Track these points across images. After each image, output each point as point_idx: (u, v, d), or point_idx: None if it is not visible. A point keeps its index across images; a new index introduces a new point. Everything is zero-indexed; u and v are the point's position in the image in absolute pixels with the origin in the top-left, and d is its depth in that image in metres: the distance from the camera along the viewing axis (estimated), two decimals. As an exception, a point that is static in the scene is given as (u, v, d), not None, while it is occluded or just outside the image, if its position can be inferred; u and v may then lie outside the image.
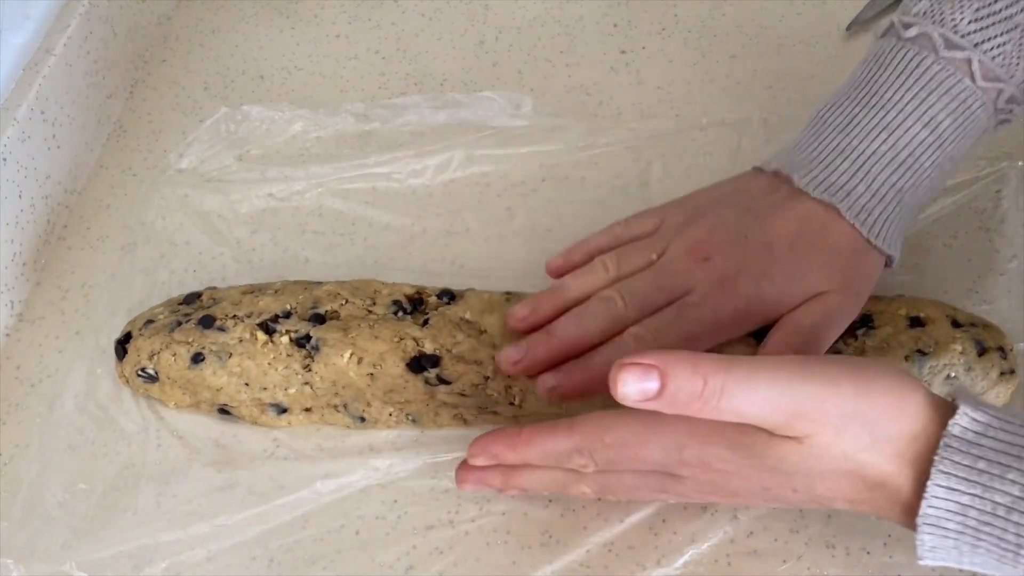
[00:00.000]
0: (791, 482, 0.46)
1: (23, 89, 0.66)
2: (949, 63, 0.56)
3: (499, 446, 0.51)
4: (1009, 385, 0.57)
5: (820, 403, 0.44)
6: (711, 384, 0.43)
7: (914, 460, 0.44)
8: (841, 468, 0.45)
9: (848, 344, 0.56)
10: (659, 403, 0.44)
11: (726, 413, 0.44)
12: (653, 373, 0.43)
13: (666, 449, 0.47)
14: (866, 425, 0.44)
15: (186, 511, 0.56)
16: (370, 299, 0.59)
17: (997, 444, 0.42)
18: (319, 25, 0.82)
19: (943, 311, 0.58)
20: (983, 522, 0.42)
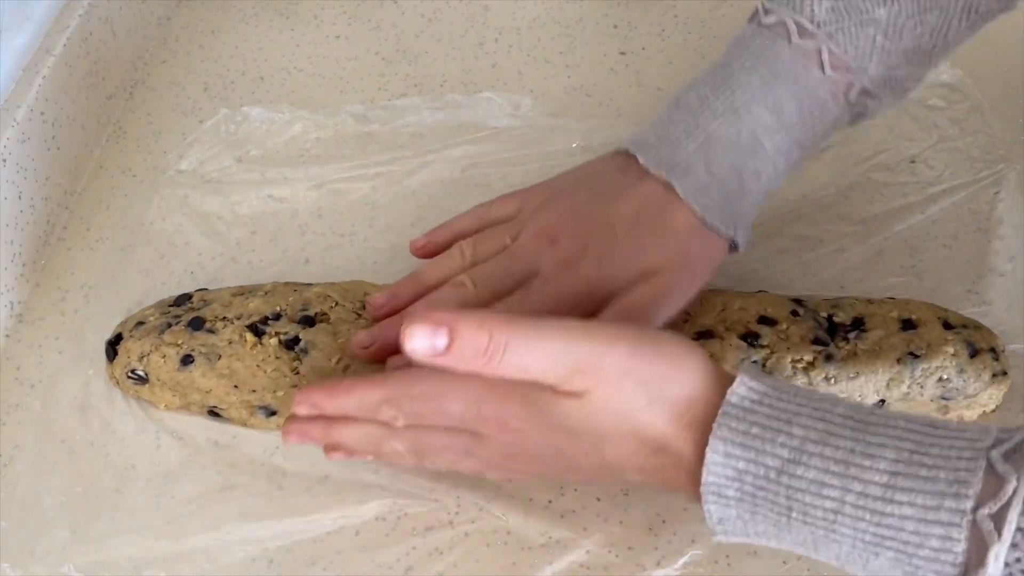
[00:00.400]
0: (580, 443, 0.47)
1: (23, 90, 0.66)
2: (799, 51, 0.56)
3: (319, 394, 0.52)
4: (1001, 386, 0.58)
5: (597, 359, 0.46)
6: (496, 339, 0.45)
7: (693, 425, 0.45)
8: (622, 427, 0.46)
9: (839, 347, 0.56)
10: (448, 358, 0.46)
11: (510, 368, 0.46)
12: (442, 329, 0.46)
13: (467, 402, 0.48)
14: (642, 384, 0.46)
15: (185, 512, 0.56)
16: (360, 302, 0.59)
17: (770, 411, 0.44)
18: (319, 26, 0.82)
19: (935, 313, 0.58)
20: (758, 487, 0.43)
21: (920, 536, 0.40)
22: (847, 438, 0.42)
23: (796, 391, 0.45)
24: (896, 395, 0.56)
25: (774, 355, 0.56)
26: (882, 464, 0.41)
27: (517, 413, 0.48)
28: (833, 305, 0.59)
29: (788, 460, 0.43)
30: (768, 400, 0.44)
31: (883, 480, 0.41)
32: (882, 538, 0.41)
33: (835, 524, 0.42)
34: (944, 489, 0.40)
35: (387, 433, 0.51)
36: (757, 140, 0.56)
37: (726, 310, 0.58)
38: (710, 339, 0.56)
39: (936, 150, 0.72)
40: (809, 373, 0.56)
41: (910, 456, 0.41)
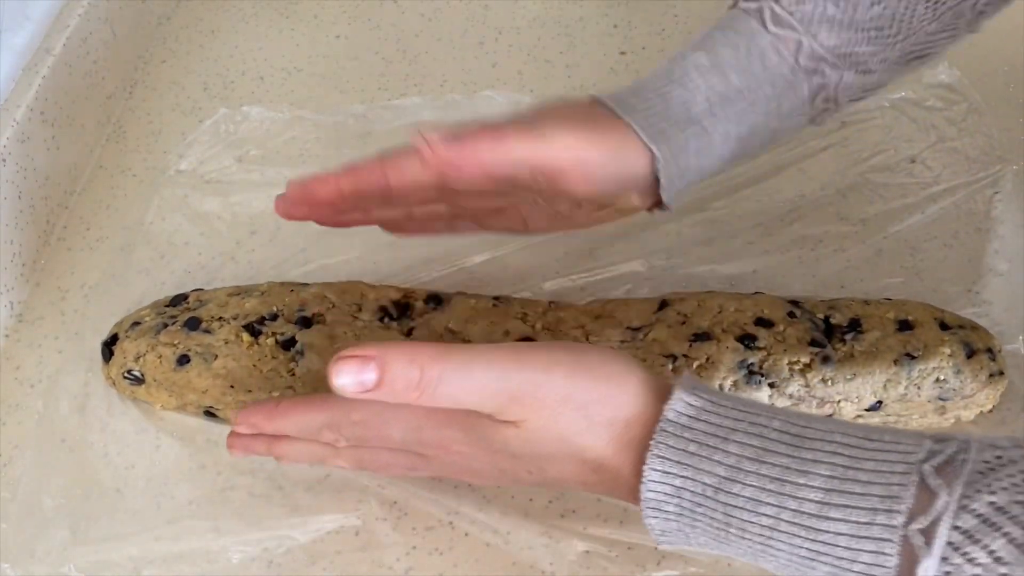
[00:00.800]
0: (522, 464, 0.48)
1: (23, 90, 0.66)
2: (743, 11, 0.56)
3: (257, 416, 0.52)
4: (998, 387, 0.58)
5: (533, 388, 0.46)
6: (428, 373, 0.45)
7: (631, 444, 0.45)
8: (562, 451, 0.47)
9: (836, 349, 0.56)
10: (379, 393, 0.45)
11: (444, 400, 0.46)
12: (371, 364, 0.45)
13: (406, 430, 0.49)
14: (579, 409, 0.46)
15: (185, 512, 0.56)
16: (356, 304, 0.59)
17: (708, 427, 0.44)
18: (319, 26, 0.82)
19: (931, 314, 0.58)
20: (696, 503, 0.44)
21: (853, 552, 0.41)
22: (782, 455, 0.43)
23: (734, 404, 0.45)
24: (893, 396, 0.56)
25: (771, 357, 0.56)
26: (816, 481, 0.42)
27: (457, 438, 0.48)
28: (830, 307, 0.59)
29: (724, 478, 0.43)
30: (705, 415, 0.45)
31: (817, 497, 0.41)
32: (817, 553, 0.42)
33: (771, 540, 0.43)
34: (876, 505, 0.40)
35: (330, 452, 0.51)
36: (687, 74, 0.55)
37: (722, 312, 0.58)
38: (707, 341, 0.56)
39: (934, 151, 0.72)
40: (806, 375, 0.56)
41: (844, 472, 0.42)
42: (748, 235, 0.68)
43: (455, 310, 0.59)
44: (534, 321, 0.58)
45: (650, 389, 0.47)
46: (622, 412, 0.46)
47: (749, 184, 0.70)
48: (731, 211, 0.69)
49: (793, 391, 0.56)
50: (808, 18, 0.55)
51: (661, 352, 0.56)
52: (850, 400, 0.56)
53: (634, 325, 0.58)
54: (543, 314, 0.59)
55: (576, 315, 0.59)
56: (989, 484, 0.39)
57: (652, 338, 0.57)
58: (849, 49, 0.56)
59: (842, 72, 0.56)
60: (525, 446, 0.47)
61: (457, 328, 0.58)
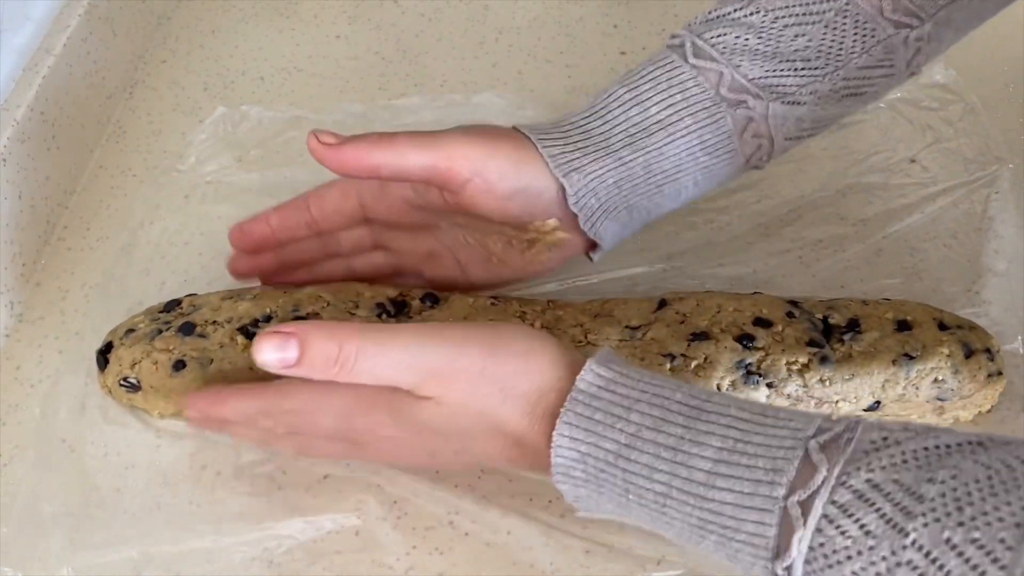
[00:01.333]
0: (448, 443, 0.50)
1: (23, 89, 0.66)
2: (668, 48, 0.58)
3: (203, 403, 0.54)
4: (997, 387, 0.58)
5: (449, 362, 0.48)
6: (346, 349, 0.47)
7: (546, 415, 0.47)
8: (481, 425, 0.48)
9: (835, 349, 0.56)
10: (300, 369, 0.48)
11: (363, 375, 0.48)
12: (292, 341, 0.47)
13: (336, 417, 0.50)
14: (495, 382, 0.48)
15: (185, 513, 0.56)
16: (352, 302, 0.59)
17: (614, 397, 0.46)
18: (319, 26, 0.82)
19: (930, 314, 0.58)
20: (599, 469, 0.46)
21: (737, 521, 0.42)
22: (678, 425, 0.45)
23: (642, 376, 0.47)
24: (891, 396, 0.56)
25: (769, 357, 0.56)
26: (707, 452, 0.43)
27: (384, 421, 0.49)
28: (828, 307, 0.59)
29: (624, 445, 0.45)
30: (613, 387, 0.46)
31: (707, 467, 0.43)
32: (705, 522, 0.43)
33: (665, 508, 0.44)
34: (761, 477, 0.42)
35: (271, 437, 0.53)
36: (607, 108, 0.57)
37: (721, 312, 0.58)
38: (705, 341, 0.56)
39: (931, 151, 0.72)
40: (804, 375, 0.56)
41: (734, 444, 0.43)
42: (748, 235, 0.68)
43: (454, 308, 0.58)
44: (533, 319, 0.58)
45: (565, 363, 0.48)
46: (537, 384, 0.48)
47: (749, 184, 0.70)
48: (731, 211, 0.69)
49: (791, 391, 0.56)
50: (730, 49, 0.56)
51: (659, 351, 0.56)
52: (848, 400, 0.56)
53: (633, 324, 0.58)
54: (542, 312, 0.59)
55: (574, 313, 0.59)
56: (869, 462, 0.41)
57: (651, 337, 0.57)
58: (774, 80, 0.57)
59: (767, 103, 0.57)
60: (446, 422, 0.48)
61: None
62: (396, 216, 0.60)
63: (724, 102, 0.56)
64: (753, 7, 0.57)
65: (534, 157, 0.56)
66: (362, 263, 0.62)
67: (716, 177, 0.59)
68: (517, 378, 0.48)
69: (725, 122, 0.57)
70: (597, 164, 0.56)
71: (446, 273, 0.61)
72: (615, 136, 0.56)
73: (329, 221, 0.61)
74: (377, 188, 0.60)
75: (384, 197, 0.60)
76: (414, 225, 0.60)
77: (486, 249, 0.59)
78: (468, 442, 0.49)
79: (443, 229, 0.60)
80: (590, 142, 0.56)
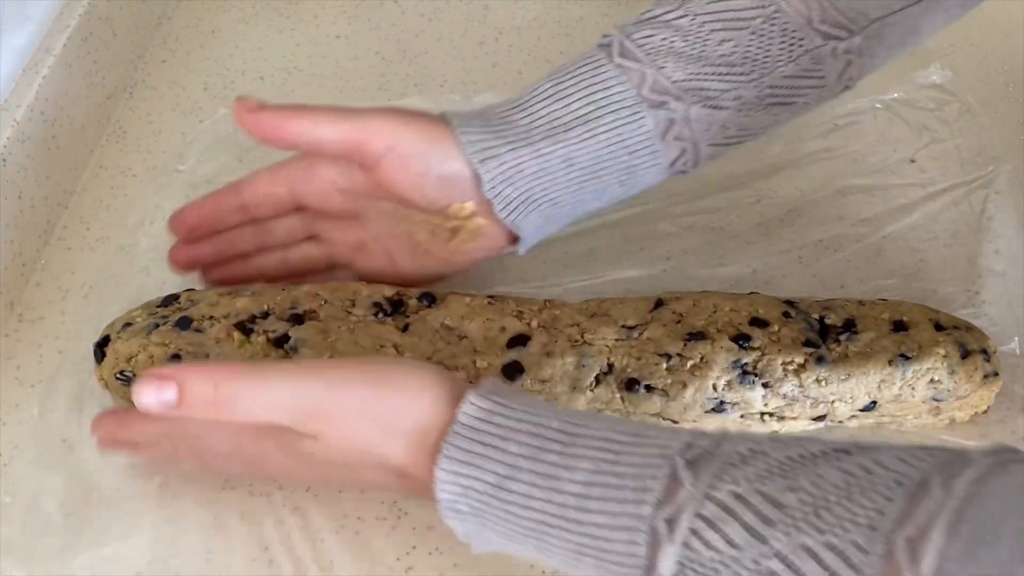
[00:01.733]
0: (338, 472, 0.50)
1: (23, 89, 0.66)
2: (596, 48, 0.58)
3: (109, 425, 0.55)
4: (993, 387, 0.58)
5: (329, 403, 0.48)
6: (223, 390, 0.48)
7: (430, 451, 0.47)
8: (364, 461, 0.48)
9: (831, 349, 0.57)
10: (183, 410, 0.48)
11: (243, 415, 0.48)
12: (168, 384, 0.48)
13: (229, 444, 0.51)
14: (376, 422, 0.48)
15: (187, 511, 0.56)
16: (349, 300, 0.59)
17: (494, 428, 0.46)
18: (319, 26, 0.82)
19: (926, 314, 0.59)
20: (482, 502, 0.45)
21: (609, 542, 0.42)
22: (553, 452, 0.44)
23: (523, 405, 0.47)
24: (887, 396, 0.56)
25: (765, 357, 0.56)
26: (579, 476, 0.43)
27: (272, 449, 0.50)
28: (825, 307, 0.59)
29: (503, 476, 0.45)
30: (493, 418, 0.46)
31: (578, 491, 0.43)
32: (581, 546, 0.43)
33: (543, 535, 0.44)
34: (629, 496, 0.42)
35: (175, 457, 0.54)
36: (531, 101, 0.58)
37: (717, 312, 0.58)
38: (701, 340, 0.56)
39: (928, 151, 0.72)
40: (800, 375, 0.56)
41: (605, 467, 0.43)
42: (748, 235, 0.68)
43: (451, 307, 0.59)
44: (530, 319, 0.58)
45: (450, 397, 0.48)
46: (420, 422, 0.47)
47: (749, 184, 0.71)
48: (731, 211, 0.69)
49: (787, 391, 0.56)
50: (655, 51, 0.56)
51: (656, 351, 0.56)
52: (844, 401, 0.56)
53: (629, 323, 0.58)
54: (538, 312, 0.59)
55: (571, 313, 0.59)
56: (735, 475, 0.41)
57: (647, 337, 0.57)
58: (697, 84, 0.57)
59: (689, 106, 0.57)
60: (331, 457, 0.49)
61: (453, 324, 0.58)
62: (324, 201, 0.60)
63: (645, 103, 0.56)
64: (683, 10, 0.57)
65: (451, 140, 0.56)
66: (296, 255, 0.63)
67: (641, 178, 0.59)
68: (399, 416, 0.48)
69: (646, 122, 0.57)
70: (515, 154, 0.56)
71: (376, 265, 0.61)
72: (536, 128, 0.57)
73: (261, 206, 0.61)
74: (304, 171, 0.60)
75: (311, 179, 0.60)
76: (343, 213, 0.61)
77: (413, 239, 0.60)
78: (356, 473, 0.50)
79: (371, 219, 0.60)
80: (510, 132, 0.57)
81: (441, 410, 0.47)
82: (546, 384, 0.56)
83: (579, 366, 0.57)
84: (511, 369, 0.56)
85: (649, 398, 0.56)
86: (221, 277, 0.63)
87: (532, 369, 0.56)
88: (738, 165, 0.71)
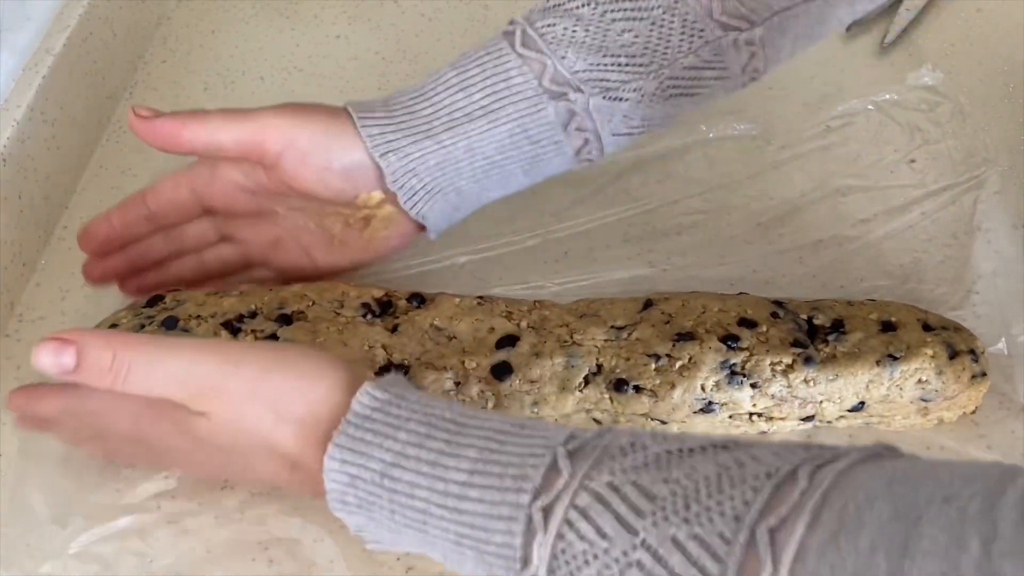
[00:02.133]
0: (231, 460, 0.49)
1: (23, 89, 0.66)
2: (499, 35, 0.58)
3: (20, 399, 0.54)
4: (981, 388, 0.58)
5: (221, 380, 0.47)
6: (120, 358, 0.47)
7: (320, 440, 0.46)
8: (252, 445, 0.47)
9: (819, 349, 0.57)
10: (78, 376, 0.48)
11: (135, 386, 0.48)
12: (68, 348, 0.47)
13: (129, 420, 0.50)
14: (268, 404, 0.47)
15: (185, 511, 0.56)
16: (338, 301, 0.59)
17: (386, 418, 0.45)
18: (319, 26, 0.82)
19: (914, 315, 0.58)
20: (369, 492, 0.44)
21: (487, 532, 0.42)
22: (440, 440, 0.44)
23: (420, 398, 0.46)
24: (875, 397, 0.56)
25: (753, 358, 0.56)
26: (464, 464, 0.43)
27: (168, 431, 0.49)
28: (813, 307, 0.59)
29: (390, 464, 0.44)
30: (387, 407, 0.46)
31: (461, 479, 0.43)
32: (461, 536, 0.43)
33: (426, 525, 0.44)
34: (509, 484, 0.42)
35: (79, 438, 0.53)
36: (435, 90, 0.57)
37: (706, 312, 0.58)
38: (690, 341, 0.56)
39: (920, 153, 0.72)
40: (788, 376, 0.56)
41: (489, 455, 0.43)
42: (748, 235, 0.68)
43: (440, 308, 0.59)
44: (519, 319, 0.58)
45: (345, 387, 0.47)
46: (313, 408, 0.47)
47: (748, 184, 0.71)
48: (730, 211, 0.70)
49: (775, 392, 0.56)
50: (556, 40, 0.56)
51: (644, 351, 0.56)
52: (832, 401, 0.56)
53: (618, 324, 0.58)
54: (528, 312, 0.59)
55: (560, 314, 0.59)
56: (612, 467, 0.41)
57: (636, 337, 0.57)
58: (597, 74, 0.56)
59: (588, 97, 0.57)
60: (220, 438, 0.48)
61: (442, 325, 0.58)
62: (231, 203, 0.60)
63: (546, 93, 0.57)
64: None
65: (351, 132, 0.56)
66: (211, 257, 0.63)
67: (545, 167, 0.59)
68: (292, 401, 0.47)
69: (547, 113, 0.57)
70: (417, 147, 0.57)
71: (293, 260, 0.62)
72: (438, 119, 0.57)
73: (167, 213, 0.61)
74: (207, 174, 0.60)
75: (214, 182, 0.60)
76: (252, 212, 0.61)
77: (326, 232, 0.60)
78: (247, 460, 0.49)
79: (283, 215, 0.61)
80: (412, 124, 0.57)
81: (337, 400, 0.47)
82: (535, 384, 0.56)
83: (568, 367, 0.57)
84: (500, 369, 0.56)
85: (638, 398, 0.56)
86: (139, 286, 0.63)
87: (521, 369, 0.56)
88: (737, 165, 0.71)
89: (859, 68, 0.78)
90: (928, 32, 0.80)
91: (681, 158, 0.71)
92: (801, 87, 0.74)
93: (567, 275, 0.66)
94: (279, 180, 0.57)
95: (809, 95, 0.75)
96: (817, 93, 0.75)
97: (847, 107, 0.74)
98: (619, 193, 0.70)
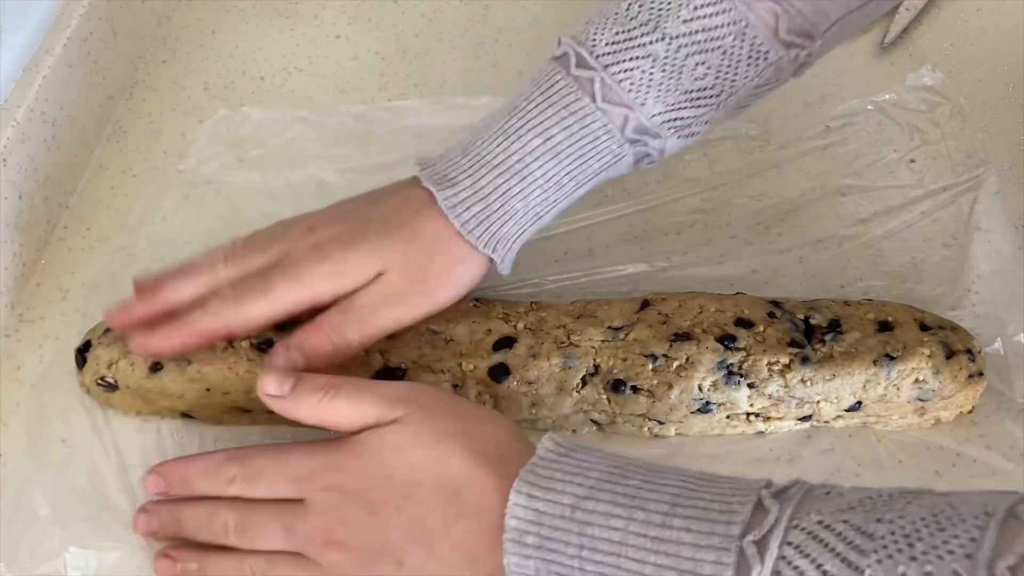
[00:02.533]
0: (392, 488, 0.49)
1: (23, 90, 0.66)
2: (575, 81, 0.56)
3: (171, 463, 0.54)
4: (978, 387, 0.58)
5: (420, 393, 0.51)
6: (331, 382, 0.51)
7: (499, 464, 0.48)
8: (432, 453, 0.48)
9: (816, 349, 0.57)
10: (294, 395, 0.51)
11: (342, 402, 0.51)
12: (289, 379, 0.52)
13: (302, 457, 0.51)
14: (455, 414, 0.51)
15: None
16: None
17: (573, 461, 0.47)
18: (319, 26, 0.82)
19: (911, 315, 0.59)
20: (554, 527, 0.45)
21: (695, 562, 0.42)
22: (637, 477, 0.46)
23: (600, 451, 0.48)
24: (872, 396, 0.56)
25: (750, 358, 0.56)
26: (664, 496, 0.44)
27: (342, 460, 0.50)
28: (810, 307, 0.59)
29: (582, 497, 0.45)
30: (573, 453, 0.48)
31: (663, 509, 0.44)
32: (662, 568, 0.43)
33: (620, 557, 0.44)
34: (716, 517, 0.43)
35: (220, 504, 0.52)
36: (524, 163, 0.56)
37: (703, 312, 0.58)
38: (687, 341, 0.56)
39: (919, 153, 0.72)
40: (785, 375, 0.56)
41: (689, 493, 0.44)
42: (748, 235, 0.68)
43: None
44: (516, 321, 0.58)
45: (520, 433, 0.51)
46: (495, 436, 0.50)
47: (748, 183, 0.71)
48: (730, 211, 0.69)
49: (772, 391, 0.56)
50: (636, 87, 0.55)
51: (641, 352, 0.56)
52: (829, 401, 0.56)
53: (615, 324, 0.58)
54: (524, 314, 0.59)
55: (558, 315, 0.59)
56: (819, 507, 0.42)
57: (633, 338, 0.57)
58: (672, 115, 0.56)
59: (664, 141, 0.57)
60: (401, 447, 0.49)
61: (439, 328, 0.58)
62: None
63: (628, 143, 0.57)
64: (658, 33, 0.55)
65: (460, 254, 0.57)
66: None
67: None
68: (479, 422, 0.50)
69: (627, 160, 0.57)
70: (518, 229, 0.57)
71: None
72: (533, 197, 0.56)
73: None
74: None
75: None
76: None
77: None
78: (410, 489, 0.48)
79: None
80: (509, 206, 0.56)
81: (519, 440, 0.50)
82: (532, 386, 0.56)
83: (565, 368, 0.57)
84: (497, 371, 0.56)
85: (635, 399, 0.56)
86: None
87: (518, 371, 0.56)
88: (737, 165, 0.71)
89: (859, 68, 0.78)
90: (928, 32, 0.80)
91: (680, 157, 0.71)
92: (801, 87, 0.74)
93: (567, 273, 0.66)
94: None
95: (809, 95, 0.75)
96: (817, 93, 0.75)
97: (846, 107, 0.74)
98: (618, 192, 0.70)
